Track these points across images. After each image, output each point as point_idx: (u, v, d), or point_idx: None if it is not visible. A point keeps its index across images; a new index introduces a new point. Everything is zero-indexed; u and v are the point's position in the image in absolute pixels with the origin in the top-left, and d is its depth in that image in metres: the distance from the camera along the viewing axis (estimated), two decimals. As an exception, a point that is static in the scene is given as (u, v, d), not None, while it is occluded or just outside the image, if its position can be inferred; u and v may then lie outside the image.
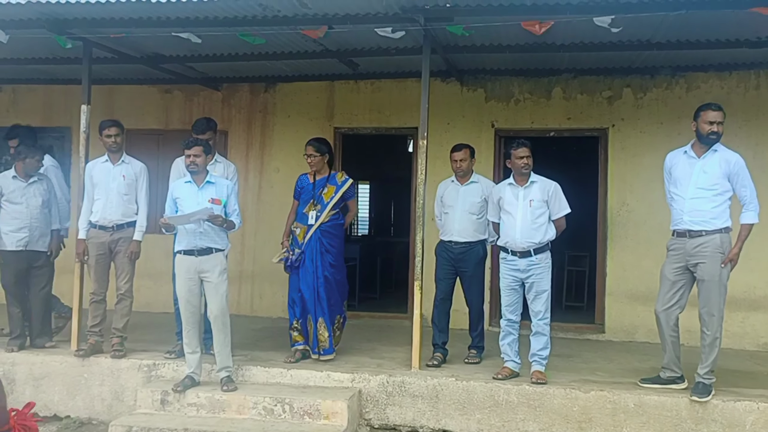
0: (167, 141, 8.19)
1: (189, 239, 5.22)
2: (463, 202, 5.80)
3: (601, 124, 7.51)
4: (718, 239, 4.88)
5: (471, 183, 5.88)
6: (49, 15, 5.60)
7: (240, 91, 8.39)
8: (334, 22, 5.45)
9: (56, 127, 8.79)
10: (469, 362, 5.80)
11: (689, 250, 4.94)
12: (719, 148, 4.96)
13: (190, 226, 5.19)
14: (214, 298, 5.23)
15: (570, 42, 6.12)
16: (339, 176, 5.99)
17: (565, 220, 5.41)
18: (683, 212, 4.97)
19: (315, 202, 5.85)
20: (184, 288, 5.24)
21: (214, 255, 5.26)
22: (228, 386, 5.22)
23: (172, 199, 5.33)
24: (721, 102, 7.11)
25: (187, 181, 5.34)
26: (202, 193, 5.27)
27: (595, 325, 7.57)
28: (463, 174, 5.87)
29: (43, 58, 7.31)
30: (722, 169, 4.89)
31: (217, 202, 5.26)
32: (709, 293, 4.90)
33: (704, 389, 4.90)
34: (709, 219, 4.89)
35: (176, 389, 5.20)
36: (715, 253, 4.87)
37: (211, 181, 5.33)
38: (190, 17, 5.57)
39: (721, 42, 6.02)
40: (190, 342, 5.28)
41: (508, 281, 5.38)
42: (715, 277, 4.88)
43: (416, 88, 7.60)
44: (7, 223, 6.01)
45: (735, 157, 4.93)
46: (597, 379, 5.43)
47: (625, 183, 7.40)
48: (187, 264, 5.24)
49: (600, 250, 7.59)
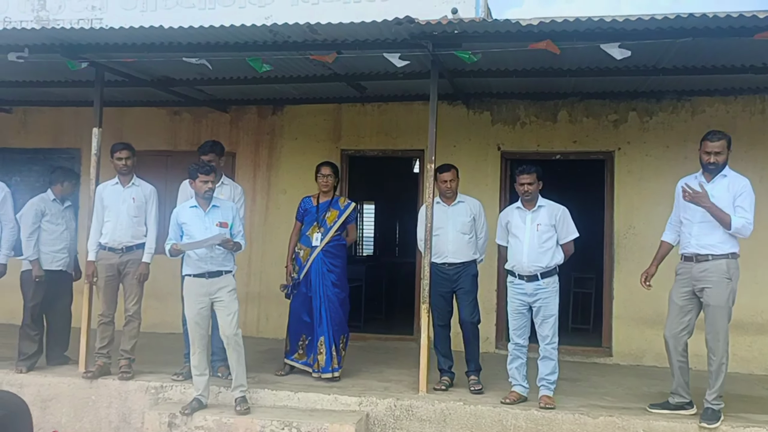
0: (175, 162, 8.25)
1: (198, 263, 5.25)
2: (454, 222, 5.80)
3: (607, 147, 7.55)
4: (725, 264, 4.89)
5: (458, 203, 5.89)
6: (64, 40, 5.69)
7: (248, 113, 8.47)
8: (343, 48, 5.52)
9: (66, 149, 8.90)
10: (475, 391, 5.60)
11: (695, 275, 4.96)
12: (728, 173, 4.99)
13: (201, 251, 5.22)
14: (226, 318, 5.25)
15: (576, 67, 6.18)
16: (341, 201, 6.19)
17: (573, 244, 5.42)
18: (691, 236, 5.01)
19: (319, 225, 6.00)
20: (194, 311, 5.26)
21: (224, 276, 5.30)
22: (242, 407, 5.21)
23: (177, 224, 5.32)
24: (726, 126, 7.20)
25: (192, 206, 5.35)
26: (208, 217, 5.30)
27: (602, 348, 7.55)
28: (451, 194, 5.87)
29: (55, 81, 7.40)
30: (730, 193, 4.91)
31: (225, 225, 5.29)
32: (714, 318, 4.90)
33: (713, 415, 4.88)
34: (716, 243, 4.91)
35: (184, 412, 5.20)
36: (721, 278, 4.88)
37: (216, 204, 5.37)
38: (201, 43, 5.65)
39: (727, 68, 6.07)
40: (199, 364, 5.29)
41: (516, 305, 5.38)
42: (720, 302, 4.88)
43: (422, 110, 7.70)
44: (49, 244, 6.21)
45: (743, 181, 4.96)
46: (605, 404, 5.41)
47: (631, 206, 7.42)
48: (197, 287, 5.26)
49: (607, 273, 7.59)
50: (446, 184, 5.81)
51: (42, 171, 8.98)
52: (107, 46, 5.79)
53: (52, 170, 6.68)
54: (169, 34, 5.39)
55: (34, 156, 9.01)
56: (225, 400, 5.39)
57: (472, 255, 5.86)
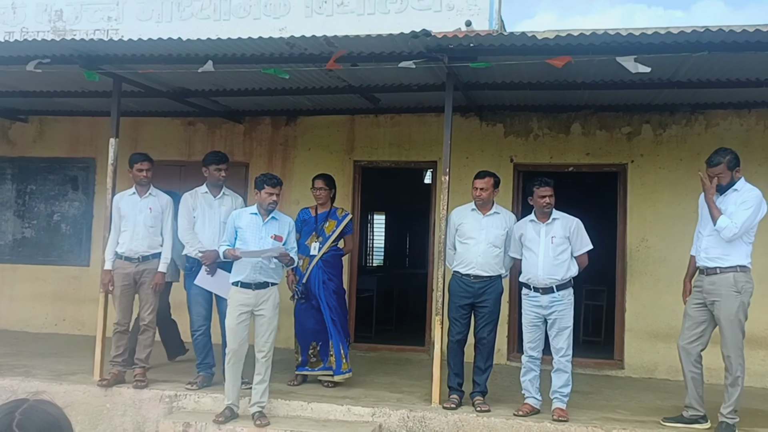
0: (189, 172, 8.30)
1: (249, 273, 5.24)
2: (487, 234, 5.54)
3: (620, 159, 7.56)
4: (732, 278, 4.91)
5: (494, 213, 5.63)
6: (83, 52, 5.76)
7: (261, 124, 8.53)
8: (360, 61, 5.57)
9: (81, 158, 8.97)
10: (482, 411, 5.36)
11: (706, 287, 5.00)
12: (741, 187, 5.01)
13: (256, 259, 5.23)
14: (266, 333, 5.27)
15: (591, 80, 6.20)
16: (339, 212, 6.33)
17: (587, 256, 5.43)
18: (701, 249, 5.08)
19: (317, 235, 6.13)
20: (236, 321, 5.24)
21: (270, 289, 5.32)
22: (261, 420, 5.20)
23: (233, 228, 5.34)
24: (740, 139, 7.22)
25: (252, 213, 5.36)
26: (266, 228, 5.32)
27: (615, 361, 7.52)
28: (483, 204, 5.63)
29: (72, 92, 7.48)
30: (736, 206, 4.93)
31: (279, 238, 5.33)
32: (725, 331, 4.93)
33: (727, 429, 4.87)
34: (722, 255, 4.94)
35: (218, 420, 5.20)
36: (729, 291, 4.90)
37: (276, 217, 5.39)
38: (219, 54, 5.71)
39: (742, 81, 6.07)
40: (233, 373, 5.27)
41: (531, 318, 5.38)
42: (730, 315, 4.90)
43: (435, 122, 7.74)
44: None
45: (752, 192, 4.95)
46: (618, 417, 5.40)
47: (644, 219, 7.41)
48: (242, 297, 5.26)
49: (619, 286, 7.58)
50: (477, 192, 5.57)
51: (58, 180, 9.09)
52: (125, 57, 5.86)
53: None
54: (187, 45, 5.45)
55: (50, 165, 9.09)
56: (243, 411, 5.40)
57: (499, 270, 5.60)
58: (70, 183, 9.04)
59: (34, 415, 1.59)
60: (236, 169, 7.96)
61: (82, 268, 8.78)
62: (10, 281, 9.05)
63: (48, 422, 1.59)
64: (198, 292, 5.91)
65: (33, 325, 8.84)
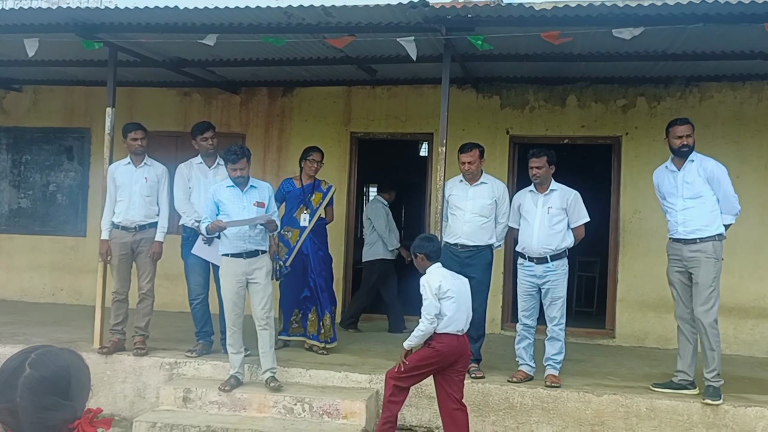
0: (185, 143, 8.26)
1: (237, 243, 5.28)
2: (473, 204, 5.58)
3: (615, 132, 7.61)
4: (711, 246, 5.08)
5: (481, 184, 5.64)
6: (78, 20, 5.74)
7: (258, 95, 8.51)
8: (357, 31, 5.57)
9: (76, 128, 8.95)
10: (476, 378, 5.43)
11: (686, 255, 5.14)
12: (695, 157, 5.18)
13: (241, 230, 5.26)
14: (262, 300, 5.33)
15: (587, 52, 6.22)
16: (323, 184, 6.37)
17: (584, 228, 5.50)
18: (677, 224, 5.19)
19: (305, 207, 6.18)
20: (232, 290, 5.30)
21: (261, 257, 5.38)
22: (274, 383, 5.28)
23: (213, 202, 5.35)
24: (734, 112, 7.31)
25: (229, 186, 5.38)
26: (246, 196, 5.35)
27: (606, 330, 7.66)
28: (472, 175, 5.63)
29: (67, 61, 7.44)
30: (701, 176, 5.11)
31: (262, 205, 5.37)
32: (702, 296, 5.06)
33: (715, 392, 5.00)
34: (701, 227, 5.10)
35: (224, 389, 5.27)
36: (709, 258, 5.07)
37: (254, 185, 5.42)
38: (216, 24, 5.69)
39: (736, 54, 6.11)
40: (235, 343, 5.34)
41: (525, 287, 5.48)
42: (708, 280, 5.06)
43: (432, 94, 7.76)
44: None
45: (711, 163, 5.15)
46: (609, 384, 5.53)
47: (637, 191, 7.49)
48: (235, 267, 5.30)
49: (612, 257, 7.69)
50: (465, 166, 5.57)
51: (53, 150, 9.07)
52: (121, 26, 5.84)
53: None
54: (184, 14, 5.43)
55: (45, 135, 9.07)
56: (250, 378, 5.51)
57: (488, 240, 5.59)
58: (66, 153, 9.03)
59: (47, 357, 1.66)
60: (233, 140, 7.93)
61: (78, 238, 8.81)
62: (7, 251, 9.09)
63: (59, 366, 1.66)
64: (195, 261, 5.97)
65: (31, 294, 8.90)
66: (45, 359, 1.65)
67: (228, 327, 5.37)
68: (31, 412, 1.58)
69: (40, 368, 1.63)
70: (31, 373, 1.61)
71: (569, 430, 5.16)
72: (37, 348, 1.69)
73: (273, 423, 5.07)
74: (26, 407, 1.58)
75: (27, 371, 1.61)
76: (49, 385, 1.61)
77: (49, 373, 1.62)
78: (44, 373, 1.62)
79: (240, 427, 4.98)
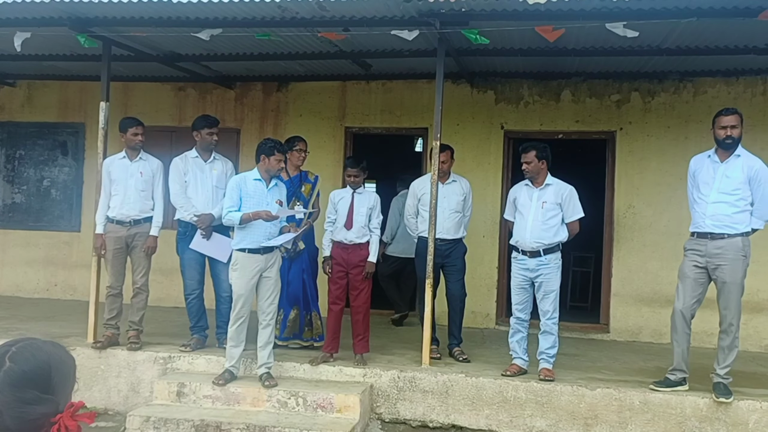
0: (180, 138, 8.27)
1: (257, 239, 5.25)
2: (449, 201, 5.99)
3: (610, 127, 7.62)
4: (740, 242, 4.94)
5: (452, 182, 6.09)
6: (72, 13, 5.72)
7: (253, 89, 8.50)
8: (351, 25, 5.56)
9: (70, 123, 8.93)
10: (463, 360, 5.84)
11: (710, 251, 4.98)
12: (742, 153, 5.01)
13: (266, 226, 5.25)
14: (272, 295, 5.33)
15: (581, 47, 6.23)
16: (310, 174, 6.22)
17: (578, 223, 5.51)
18: (705, 216, 5.01)
19: (297, 199, 6.06)
20: (247, 286, 5.26)
21: (275, 252, 5.40)
22: (269, 381, 5.28)
23: (237, 193, 5.26)
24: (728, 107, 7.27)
25: (256, 179, 5.33)
26: (270, 193, 5.34)
27: (600, 325, 7.68)
28: (443, 174, 5.99)
29: (61, 55, 7.42)
30: (744, 173, 4.94)
31: (281, 203, 5.39)
32: (729, 294, 4.96)
33: (726, 389, 4.98)
34: (730, 223, 4.94)
35: (218, 383, 5.28)
36: (737, 255, 4.94)
37: (276, 183, 5.44)
38: (210, 17, 5.68)
39: (730, 48, 6.12)
40: (237, 336, 5.32)
41: (518, 280, 5.49)
42: (736, 278, 4.95)
43: (427, 89, 7.76)
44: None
45: (758, 163, 4.99)
46: (603, 378, 5.54)
47: (632, 186, 7.51)
48: (252, 263, 5.26)
49: (606, 252, 7.70)
50: (439, 165, 5.83)
51: (47, 145, 9.05)
52: (115, 19, 5.82)
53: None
54: (178, 8, 5.41)
55: (39, 130, 9.04)
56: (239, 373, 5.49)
57: (462, 232, 6.12)
58: (60, 148, 9.01)
59: (28, 350, 1.63)
60: (227, 135, 7.96)
61: (72, 233, 8.79)
62: (1, 246, 9.07)
63: (40, 359, 1.62)
64: (192, 256, 5.96)
65: (25, 290, 8.89)
66: (26, 352, 1.62)
67: (233, 320, 5.31)
68: (11, 407, 1.55)
69: (20, 362, 1.60)
70: (11, 367, 1.58)
71: (563, 423, 5.18)
72: (19, 341, 1.65)
73: (267, 417, 5.08)
74: (6, 402, 1.55)
75: (7, 365, 1.58)
76: (29, 379, 1.58)
77: (29, 367, 1.59)
78: (24, 367, 1.59)
79: (234, 421, 4.98)
